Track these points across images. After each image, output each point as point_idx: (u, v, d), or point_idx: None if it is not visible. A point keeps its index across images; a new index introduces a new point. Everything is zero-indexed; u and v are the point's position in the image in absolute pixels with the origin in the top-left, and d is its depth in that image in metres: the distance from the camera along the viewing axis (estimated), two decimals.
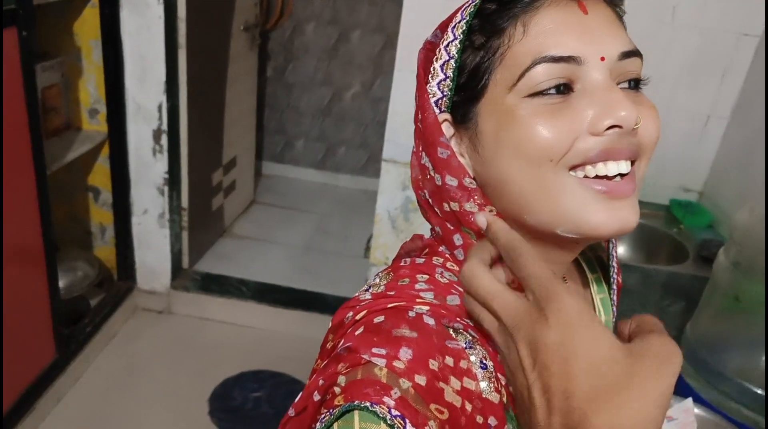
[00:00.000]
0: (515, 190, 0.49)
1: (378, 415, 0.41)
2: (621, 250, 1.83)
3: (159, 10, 2.10)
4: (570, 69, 0.46)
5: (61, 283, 2.03)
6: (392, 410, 0.41)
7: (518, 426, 0.46)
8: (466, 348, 0.46)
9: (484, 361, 0.47)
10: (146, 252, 2.48)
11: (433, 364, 0.44)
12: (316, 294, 2.61)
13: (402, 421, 0.41)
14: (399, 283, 0.51)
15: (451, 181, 0.52)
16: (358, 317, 0.49)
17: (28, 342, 1.88)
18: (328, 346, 0.52)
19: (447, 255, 0.54)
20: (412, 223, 2.15)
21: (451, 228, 0.54)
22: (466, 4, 0.52)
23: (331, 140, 3.86)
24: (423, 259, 0.55)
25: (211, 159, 2.76)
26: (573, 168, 0.47)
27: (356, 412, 0.41)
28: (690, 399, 0.94)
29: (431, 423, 0.42)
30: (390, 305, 0.48)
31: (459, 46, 0.51)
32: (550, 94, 0.46)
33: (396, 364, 0.43)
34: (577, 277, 0.63)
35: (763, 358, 0.99)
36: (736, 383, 0.95)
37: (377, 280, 0.54)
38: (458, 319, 0.48)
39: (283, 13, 3.54)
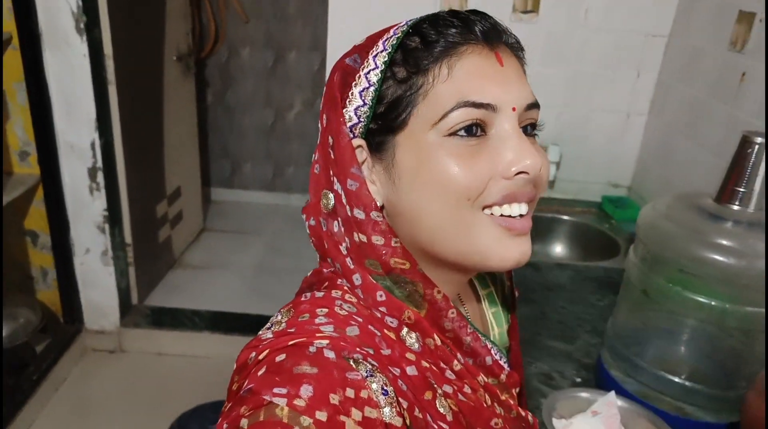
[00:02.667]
0: (431, 223, 0.52)
1: None
2: (558, 249, 1.89)
3: (83, 49, 2.08)
4: (486, 115, 0.50)
5: (3, 332, 1.97)
6: None
7: None
8: (366, 377, 0.48)
9: (385, 388, 0.48)
10: (92, 291, 2.43)
11: (334, 399, 0.45)
12: (269, 318, 2.60)
13: None
14: (299, 319, 0.52)
15: (359, 214, 0.53)
16: (261, 357, 0.50)
17: None
18: (234, 387, 0.52)
19: (346, 287, 0.56)
20: None
21: (352, 267, 0.54)
22: (389, 35, 0.53)
23: (278, 160, 3.86)
24: (323, 293, 0.56)
25: (153, 191, 2.73)
26: (485, 207, 0.51)
27: None
28: (612, 392, 0.99)
29: None
30: (291, 342, 0.49)
31: (380, 75, 0.52)
32: (467, 136, 0.50)
33: (296, 402, 0.44)
34: (471, 294, 0.66)
35: (678, 348, 1.04)
36: (653, 373, 0.99)
37: (279, 317, 0.55)
38: (358, 349, 0.49)
39: (218, 40, 3.53)
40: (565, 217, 1.89)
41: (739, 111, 1.43)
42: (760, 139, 0.91)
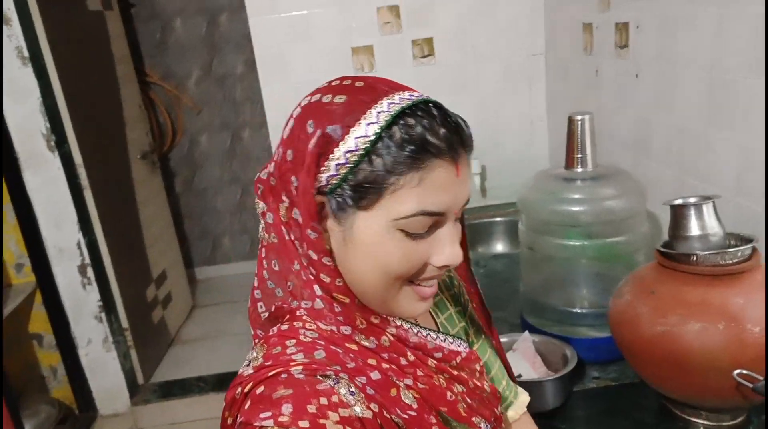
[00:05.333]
0: (365, 285, 0.60)
1: None
2: (499, 246, 2.17)
3: (57, 163, 2.37)
4: (436, 219, 0.59)
5: (27, 428, 2.17)
6: None
7: None
8: (333, 385, 0.55)
9: (352, 389, 0.56)
10: (100, 378, 2.63)
11: (311, 408, 0.52)
12: None
13: None
14: (273, 352, 0.59)
15: (313, 255, 0.59)
16: (246, 390, 0.56)
17: None
18: (229, 422, 0.58)
19: (304, 317, 0.62)
20: None
21: (313, 278, 0.61)
22: (372, 121, 0.56)
23: (253, 230, 4.13)
24: (287, 326, 0.62)
25: (140, 277, 2.97)
26: (410, 282, 0.62)
27: None
28: (527, 331, 1.25)
29: None
30: (270, 373, 0.56)
31: (358, 158, 0.56)
32: (412, 238, 0.58)
33: (281, 419, 0.51)
34: None
35: (564, 285, 1.31)
36: (554, 309, 1.26)
37: (254, 353, 0.62)
38: (327, 367, 0.57)
39: (176, 134, 3.86)
40: (500, 219, 2.17)
41: (599, 99, 1.76)
42: (580, 117, 1.22)
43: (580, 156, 1.24)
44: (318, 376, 0.56)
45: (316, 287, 0.61)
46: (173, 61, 3.77)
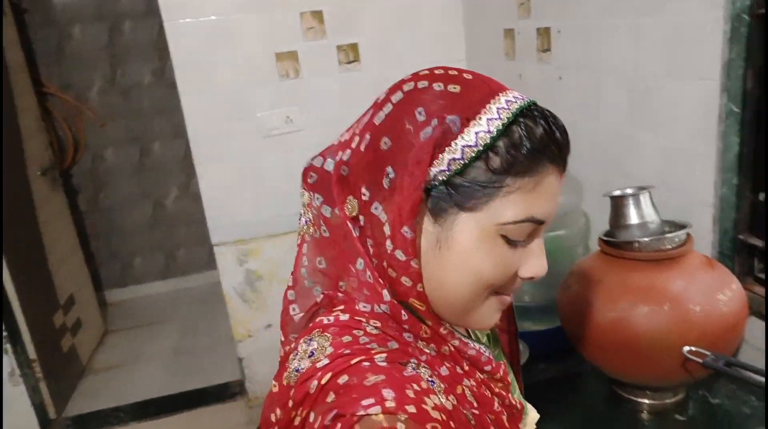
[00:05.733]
0: (450, 294, 0.56)
1: None
2: None
3: None
4: (538, 227, 0.56)
5: None
6: None
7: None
8: (416, 372, 0.53)
9: (431, 378, 0.54)
10: (9, 416, 2.38)
11: (410, 393, 0.49)
12: (195, 390, 2.69)
13: None
14: (344, 341, 0.54)
15: (400, 256, 0.54)
16: (323, 382, 0.51)
17: None
18: (296, 422, 0.52)
19: (366, 312, 0.57)
20: (260, 292, 2.35)
21: (381, 282, 0.56)
22: (493, 117, 0.52)
23: (167, 248, 3.93)
24: (347, 316, 0.57)
25: (47, 303, 2.73)
26: (495, 292, 0.58)
27: None
28: None
29: None
30: (353, 362, 0.51)
31: (475, 155, 0.51)
32: (510, 246, 0.55)
33: (387, 404, 0.47)
34: None
35: None
36: None
37: (314, 344, 0.55)
38: (407, 357, 0.55)
39: (78, 148, 3.61)
40: None
41: None
42: None
43: None
44: (399, 363, 0.52)
45: (384, 292, 0.56)
46: (72, 70, 3.52)
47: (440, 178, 0.52)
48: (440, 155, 0.52)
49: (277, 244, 2.28)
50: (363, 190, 0.55)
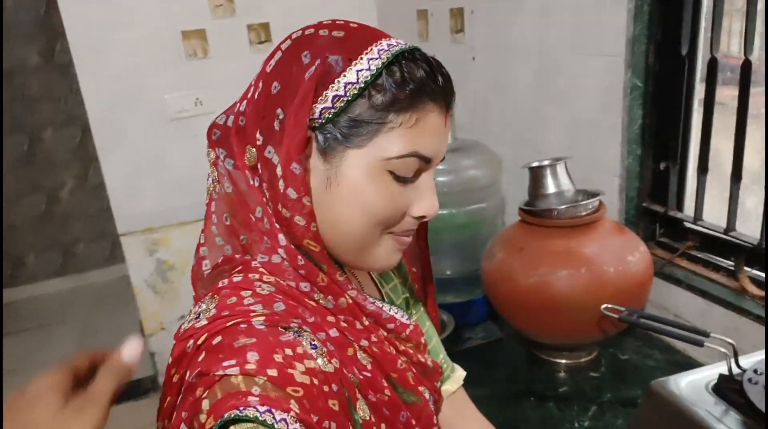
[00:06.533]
0: (345, 231, 0.57)
1: (250, 418, 0.46)
2: None
3: None
4: (423, 165, 0.57)
5: None
6: (258, 407, 0.46)
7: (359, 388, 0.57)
8: (296, 337, 0.53)
9: (314, 342, 0.54)
10: None
11: (278, 357, 0.50)
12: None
13: (270, 413, 0.46)
14: (228, 303, 0.55)
15: (292, 194, 0.55)
16: (199, 342, 0.52)
17: None
18: (174, 380, 0.53)
19: (260, 269, 0.58)
20: (172, 282, 2.25)
21: (278, 226, 0.56)
22: (374, 57, 0.54)
23: (64, 243, 3.67)
24: (240, 276, 0.58)
25: None
26: (389, 232, 0.60)
27: (231, 426, 0.46)
28: None
29: (292, 402, 0.48)
30: (229, 324, 0.52)
31: (357, 92, 0.53)
32: (399, 182, 0.56)
33: (248, 366, 0.48)
34: (366, 275, 0.73)
35: (441, 255, 1.37)
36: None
37: (203, 306, 0.57)
38: (289, 319, 0.55)
39: None
40: None
41: None
42: None
43: None
44: (280, 327, 0.53)
45: (281, 236, 0.56)
46: None
47: (326, 116, 0.54)
48: (324, 92, 0.54)
49: (187, 232, 2.18)
50: (257, 136, 0.56)
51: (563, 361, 1.18)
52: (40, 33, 3.34)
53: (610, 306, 1.00)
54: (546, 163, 1.12)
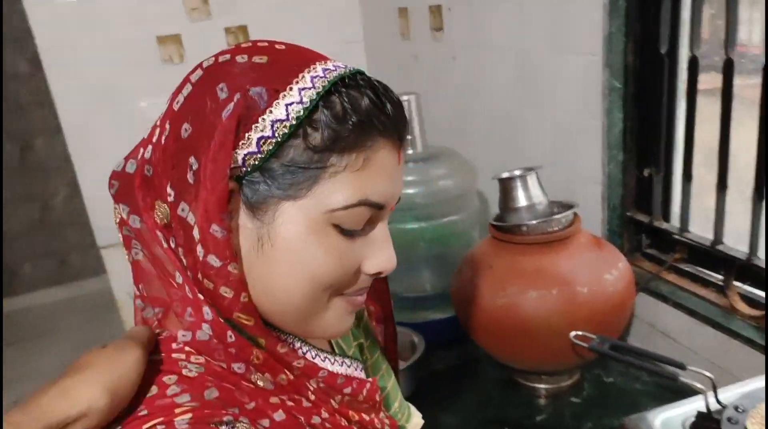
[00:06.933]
0: (285, 300, 0.48)
1: None
2: None
3: None
4: (375, 213, 0.48)
5: None
6: None
7: None
8: None
9: None
10: None
11: None
12: None
13: None
14: (147, 396, 0.45)
15: (214, 262, 0.45)
16: None
17: None
18: None
19: (186, 348, 0.48)
20: None
21: (201, 298, 0.46)
22: (307, 86, 0.45)
23: (59, 251, 3.64)
24: (160, 356, 0.48)
25: None
26: (340, 294, 0.51)
27: None
28: None
29: None
30: (145, 427, 0.42)
31: (287, 131, 0.44)
32: (345, 236, 0.48)
33: None
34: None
35: (413, 272, 1.29)
36: (397, 296, 1.23)
37: None
38: (224, 411, 0.44)
39: None
40: None
41: (420, 85, 1.77)
42: (405, 97, 1.20)
43: (409, 137, 1.21)
44: (211, 425, 0.42)
45: (206, 309, 0.46)
46: None
47: (251, 163, 0.45)
48: (246, 135, 0.44)
49: None
50: (168, 189, 0.46)
51: (542, 386, 1.10)
52: (29, 39, 3.29)
53: (580, 333, 0.92)
54: (517, 173, 1.04)
